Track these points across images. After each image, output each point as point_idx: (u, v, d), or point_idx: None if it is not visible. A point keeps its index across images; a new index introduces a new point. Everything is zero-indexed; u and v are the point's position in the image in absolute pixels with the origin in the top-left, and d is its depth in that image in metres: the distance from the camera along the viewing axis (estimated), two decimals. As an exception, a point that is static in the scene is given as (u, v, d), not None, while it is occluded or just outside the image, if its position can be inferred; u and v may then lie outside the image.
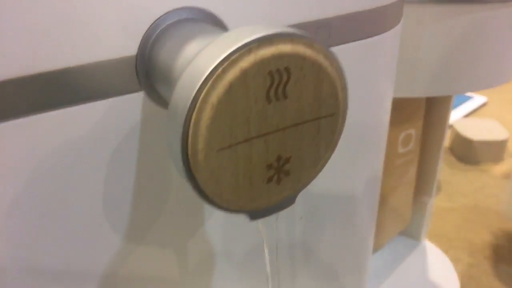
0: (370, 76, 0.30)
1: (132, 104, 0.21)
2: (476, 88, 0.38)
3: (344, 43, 0.27)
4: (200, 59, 0.15)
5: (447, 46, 0.36)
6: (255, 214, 0.18)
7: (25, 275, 0.21)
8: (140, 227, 0.24)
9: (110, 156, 0.22)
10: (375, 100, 0.32)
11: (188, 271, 0.28)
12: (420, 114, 0.57)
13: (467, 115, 1.14)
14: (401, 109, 0.52)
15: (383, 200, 0.59)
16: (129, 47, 0.20)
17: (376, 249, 0.66)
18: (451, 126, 0.99)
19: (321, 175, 0.19)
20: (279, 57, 0.15)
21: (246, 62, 0.14)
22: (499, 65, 0.39)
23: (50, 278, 0.22)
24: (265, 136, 0.16)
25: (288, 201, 0.19)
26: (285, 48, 0.15)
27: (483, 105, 1.19)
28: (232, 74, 0.14)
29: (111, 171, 0.22)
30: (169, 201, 0.25)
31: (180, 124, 0.15)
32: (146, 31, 0.20)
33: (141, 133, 0.22)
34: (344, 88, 0.17)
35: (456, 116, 1.10)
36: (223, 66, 0.14)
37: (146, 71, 0.21)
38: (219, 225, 0.27)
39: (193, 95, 0.14)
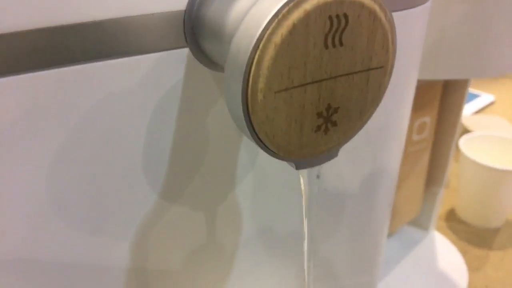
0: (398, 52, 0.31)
1: (176, 61, 0.22)
2: (500, 73, 0.39)
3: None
4: (264, 1, 0.15)
5: (473, 27, 0.37)
6: (301, 163, 0.19)
7: (62, 225, 0.22)
8: (174, 186, 0.25)
9: (151, 111, 0.22)
10: (400, 79, 0.33)
11: (218, 235, 0.28)
12: (436, 102, 0.57)
13: (475, 113, 1.14)
14: (417, 96, 0.52)
15: (396, 187, 0.59)
16: (179, 2, 0.21)
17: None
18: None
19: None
20: (340, 2, 0.15)
21: (309, 4, 0.15)
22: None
23: (85, 231, 0.23)
24: (319, 83, 0.17)
25: (332, 154, 0.20)
26: (346, -7, 0.15)
27: (491, 103, 1.19)
28: (296, 15, 0.15)
29: (151, 125, 0.22)
30: (205, 161, 0.25)
31: (243, 62, 0.15)
32: (196, -14, 0.21)
33: (182, 90, 0.23)
34: (394, 41, 0.18)
35: (464, 113, 1.11)
36: (288, 6, 0.15)
37: (193, 27, 0.21)
38: (250, 192, 0.28)
39: (259, 32, 0.15)
